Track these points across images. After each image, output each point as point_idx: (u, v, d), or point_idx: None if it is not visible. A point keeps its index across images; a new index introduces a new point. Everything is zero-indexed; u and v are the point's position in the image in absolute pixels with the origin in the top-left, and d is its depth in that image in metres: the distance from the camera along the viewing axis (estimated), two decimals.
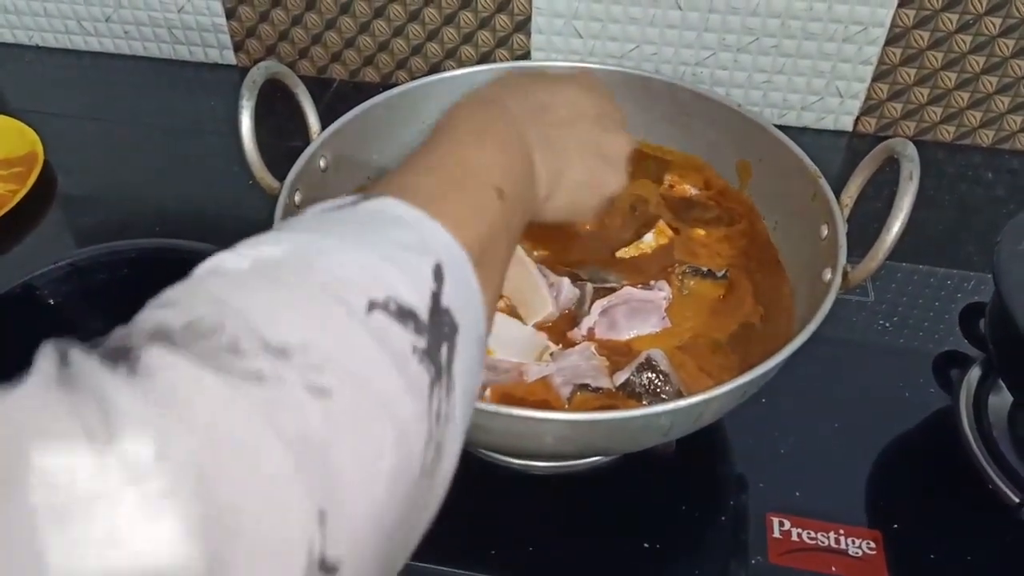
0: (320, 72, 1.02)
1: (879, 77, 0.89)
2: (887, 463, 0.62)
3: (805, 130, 0.94)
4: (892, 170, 0.55)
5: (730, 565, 0.56)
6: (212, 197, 0.86)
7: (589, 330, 0.61)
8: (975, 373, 0.65)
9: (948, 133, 0.92)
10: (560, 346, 0.61)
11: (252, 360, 0.23)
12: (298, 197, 0.61)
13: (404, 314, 0.27)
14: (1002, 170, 0.90)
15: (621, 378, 0.57)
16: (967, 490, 0.60)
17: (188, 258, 0.26)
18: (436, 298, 0.28)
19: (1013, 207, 0.85)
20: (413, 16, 0.94)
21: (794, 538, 0.57)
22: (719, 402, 0.49)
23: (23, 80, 1.04)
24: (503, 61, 0.94)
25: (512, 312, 0.62)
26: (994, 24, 0.83)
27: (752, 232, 0.70)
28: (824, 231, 0.60)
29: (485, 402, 0.52)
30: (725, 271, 0.65)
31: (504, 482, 0.60)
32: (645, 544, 0.57)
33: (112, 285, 0.69)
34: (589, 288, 0.63)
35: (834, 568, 0.55)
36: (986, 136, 0.91)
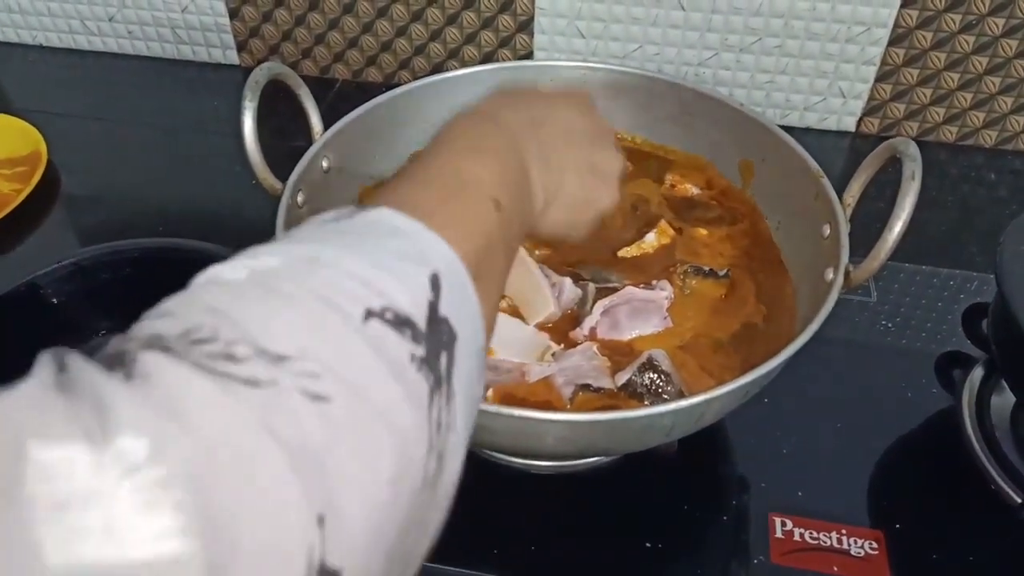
0: (323, 72, 1.02)
1: (882, 78, 0.89)
2: (889, 463, 0.62)
3: (808, 130, 0.94)
4: (894, 170, 0.55)
5: (732, 565, 0.57)
6: (215, 197, 0.87)
7: (591, 330, 0.61)
8: (978, 373, 0.65)
9: (951, 134, 0.92)
10: (562, 346, 0.61)
11: (248, 366, 0.23)
12: (300, 197, 0.61)
13: (401, 323, 0.27)
14: (1005, 171, 0.89)
15: (623, 378, 0.57)
16: (969, 490, 0.60)
17: (191, 258, 0.26)
18: (434, 307, 0.28)
19: (1016, 208, 0.85)
20: (416, 16, 0.94)
21: (796, 538, 0.57)
22: (721, 402, 0.49)
23: (27, 80, 1.04)
24: (506, 61, 0.94)
25: (514, 312, 0.62)
26: (997, 25, 0.83)
27: (754, 232, 0.70)
28: (826, 231, 0.60)
29: (487, 402, 0.52)
30: (727, 271, 0.65)
31: (506, 481, 0.60)
32: (647, 544, 0.57)
33: (115, 284, 0.69)
34: (591, 288, 0.63)
35: (836, 568, 0.55)
36: (989, 137, 0.91)
